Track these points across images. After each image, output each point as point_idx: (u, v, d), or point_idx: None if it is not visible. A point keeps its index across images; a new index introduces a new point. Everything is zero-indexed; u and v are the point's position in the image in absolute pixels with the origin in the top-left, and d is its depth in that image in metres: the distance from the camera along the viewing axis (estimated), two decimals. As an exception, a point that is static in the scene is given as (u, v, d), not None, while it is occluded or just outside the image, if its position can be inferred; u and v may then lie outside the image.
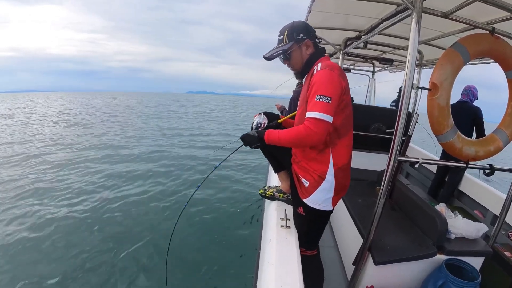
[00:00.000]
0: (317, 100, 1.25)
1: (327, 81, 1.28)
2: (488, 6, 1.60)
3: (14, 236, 3.78)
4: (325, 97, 1.25)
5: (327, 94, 1.25)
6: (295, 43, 1.45)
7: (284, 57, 1.49)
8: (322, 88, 1.27)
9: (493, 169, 1.69)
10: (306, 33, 1.45)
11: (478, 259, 1.84)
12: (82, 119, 17.45)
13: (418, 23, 1.39)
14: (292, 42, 1.44)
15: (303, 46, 1.46)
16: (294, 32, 1.44)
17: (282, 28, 1.50)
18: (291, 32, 1.45)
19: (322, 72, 1.32)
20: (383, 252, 1.74)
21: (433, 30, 2.57)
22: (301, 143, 1.35)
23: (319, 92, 1.26)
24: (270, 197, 1.96)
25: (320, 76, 1.31)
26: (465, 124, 3.05)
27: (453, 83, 1.58)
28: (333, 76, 1.30)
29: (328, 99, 1.25)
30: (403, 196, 2.31)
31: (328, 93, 1.26)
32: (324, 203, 1.47)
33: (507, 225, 2.48)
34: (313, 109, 1.26)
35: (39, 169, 6.68)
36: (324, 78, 1.29)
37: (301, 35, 1.44)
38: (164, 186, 5.86)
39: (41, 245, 3.61)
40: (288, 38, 1.45)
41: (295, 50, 1.46)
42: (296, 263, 1.27)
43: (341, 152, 1.44)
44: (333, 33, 3.26)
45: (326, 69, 1.32)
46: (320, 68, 1.35)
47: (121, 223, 4.26)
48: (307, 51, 1.47)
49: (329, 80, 1.29)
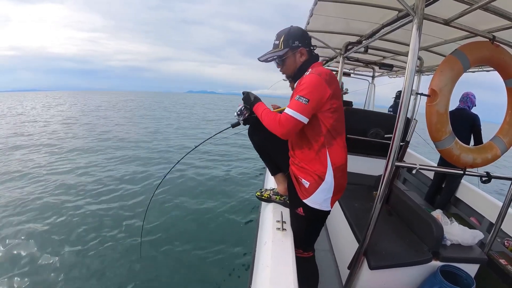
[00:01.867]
0: (296, 100, 1.33)
1: (311, 84, 1.34)
2: (489, 15, 1.61)
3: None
4: (303, 98, 1.31)
5: (306, 96, 1.32)
6: (290, 50, 1.47)
7: (278, 62, 1.54)
8: (303, 90, 1.33)
9: (490, 177, 1.69)
10: (302, 40, 1.48)
11: (473, 266, 1.85)
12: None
13: (419, 30, 1.40)
14: (287, 49, 1.47)
15: (297, 54, 1.48)
16: (290, 39, 1.47)
17: (279, 32, 1.51)
18: (287, 39, 1.47)
19: (309, 76, 1.38)
20: (378, 257, 1.74)
21: (434, 37, 2.58)
22: (271, 129, 1.41)
23: (300, 93, 1.33)
24: (267, 199, 1.96)
25: (306, 79, 1.37)
26: (462, 131, 3.05)
27: (452, 90, 1.59)
28: (318, 80, 1.35)
29: (306, 100, 1.31)
30: (400, 201, 2.31)
31: (308, 95, 1.32)
32: (324, 203, 1.50)
33: (502, 233, 2.49)
34: (290, 106, 1.35)
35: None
36: (309, 82, 1.35)
37: (297, 42, 1.47)
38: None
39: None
40: (284, 44, 1.47)
41: (289, 57, 1.49)
42: (291, 266, 1.27)
43: (337, 152, 1.47)
44: (334, 37, 3.27)
45: (313, 74, 1.37)
46: (308, 73, 1.41)
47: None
48: (300, 58, 1.50)
49: (313, 84, 1.34)
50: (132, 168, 6.93)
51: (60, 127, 13.30)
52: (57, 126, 13.78)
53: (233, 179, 6.49)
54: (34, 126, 13.62)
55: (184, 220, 4.40)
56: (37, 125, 13.84)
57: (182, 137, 12.05)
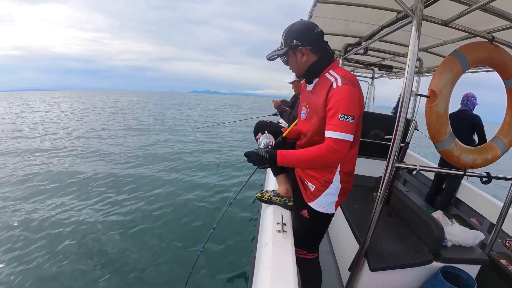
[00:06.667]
0: (341, 120, 1.21)
1: (350, 99, 1.24)
2: (488, 15, 1.61)
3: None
4: (348, 117, 1.21)
5: (350, 114, 1.22)
6: (289, 49, 1.39)
7: (283, 61, 1.47)
8: (345, 107, 1.22)
9: (491, 177, 1.68)
10: (302, 39, 1.35)
11: (474, 267, 1.84)
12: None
13: (418, 31, 1.40)
14: (286, 48, 1.39)
15: (298, 53, 1.38)
16: (289, 37, 1.37)
17: (285, 29, 1.41)
18: (286, 37, 1.38)
19: (344, 88, 1.25)
20: (379, 258, 1.74)
21: (433, 38, 2.58)
22: (322, 163, 1.33)
23: (342, 111, 1.21)
24: (267, 201, 1.95)
25: (343, 93, 1.25)
26: (464, 132, 3.06)
27: (452, 90, 1.59)
28: (355, 93, 1.26)
29: (351, 118, 1.22)
30: (400, 202, 2.30)
31: (351, 112, 1.22)
32: (328, 206, 1.49)
33: (503, 234, 2.48)
34: (336, 129, 1.22)
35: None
36: (347, 96, 1.24)
37: (295, 41, 1.36)
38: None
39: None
40: (284, 43, 1.39)
41: (291, 56, 1.41)
42: (291, 268, 1.26)
43: (348, 159, 1.45)
44: (333, 38, 3.27)
45: (347, 85, 1.26)
46: (341, 83, 1.27)
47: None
48: (302, 58, 1.40)
49: (352, 98, 1.25)
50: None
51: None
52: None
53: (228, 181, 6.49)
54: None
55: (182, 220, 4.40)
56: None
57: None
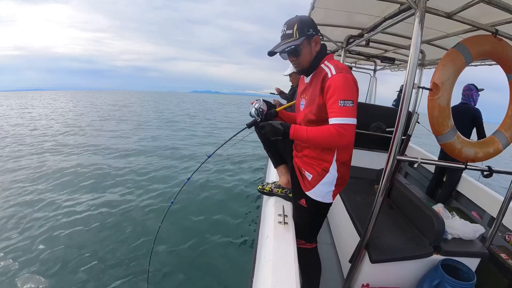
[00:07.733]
0: (342, 105, 1.26)
1: (347, 85, 1.30)
2: (492, 8, 1.59)
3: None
4: (348, 101, 1.26)
5: (349, 98, 1.27)
6: (306, 39, 1.40)
7: (294, 52, 1.42)
8: (343, 93, 1.28)
9: (492, 171, 1.68)
10: (315, 29, 1.42)
11: (474, 260, 1.85)
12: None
13: (421, 23, 1.39)
14: (304, 37, 1.38)
15: (312, 42, 1.43)
16: (305, 27, 1.38)
17: (288, 21, 1.41)
18: (302, 27, 1.38)
19: (339, 76, 1.31)
20: (379, 250, 1.75)
21: (436, 30, 2.55)
22: (331, 144, 1.38)
23: (342, 97, 1.27)
24: (268, 192, 1.97)
25: (338, 80, 1.31)
26: (464, 125, 3.04)
27: (454, 83, 1.58)
28: (350, 79, 1.32)
29: (351, 102, 1.27)
30: (401, 195, 2.31)
31: (349, 96, 1.27)
32: (326, 196, 1.52)
33: (504, 227, 2.49)
34: (339, 115, 1.26)
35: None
36: (343, 82, 1.30)
37: (311, 30, 1.40)
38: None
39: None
40: (299, 33, 1.38)
41: (305, 46, 1.42)
42: (292, 259, 1.28)
43: (345, 149, 1.47)
44: (335, 30, 3.24)
45: (341, 73, 1.32)
46: (334, 71, 1.33)
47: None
48: (315, 47, 1.45)
49: (348, 84, 1.30)
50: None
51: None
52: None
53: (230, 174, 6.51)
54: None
55: (186, 214, 4.43)
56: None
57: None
